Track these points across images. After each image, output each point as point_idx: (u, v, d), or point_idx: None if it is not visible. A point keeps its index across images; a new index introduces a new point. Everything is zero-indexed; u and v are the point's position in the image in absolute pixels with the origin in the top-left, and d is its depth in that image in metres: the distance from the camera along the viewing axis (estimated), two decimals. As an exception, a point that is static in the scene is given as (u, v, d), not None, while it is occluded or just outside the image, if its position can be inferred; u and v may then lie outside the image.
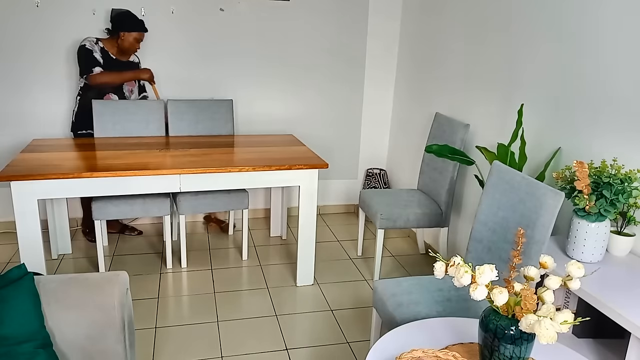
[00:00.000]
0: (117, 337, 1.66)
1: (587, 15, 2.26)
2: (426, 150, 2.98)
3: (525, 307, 1.33)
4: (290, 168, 2.90)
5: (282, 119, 4.07)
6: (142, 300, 2.94)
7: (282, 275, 3.30)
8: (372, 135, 4.35)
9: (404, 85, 4.10)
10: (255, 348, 2.56)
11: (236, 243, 3.75)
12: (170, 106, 3.55)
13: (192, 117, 3.60)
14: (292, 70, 4.00)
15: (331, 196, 4.40)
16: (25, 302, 1.54)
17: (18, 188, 2.53)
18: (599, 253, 1.95)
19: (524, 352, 1.38)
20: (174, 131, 3.57)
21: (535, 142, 2.60)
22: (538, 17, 2.57)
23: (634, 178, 1.89)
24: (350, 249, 3.74)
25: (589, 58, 2.27)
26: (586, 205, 1.89)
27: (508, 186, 2.11)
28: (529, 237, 1.95)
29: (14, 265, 2.08)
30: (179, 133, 3.57)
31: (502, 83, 2.87)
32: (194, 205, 3.28)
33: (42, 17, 3.47)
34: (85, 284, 1.68)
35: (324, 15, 3.95)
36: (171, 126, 3.56)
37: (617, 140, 2.13)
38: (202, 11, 3.71)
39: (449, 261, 1.45)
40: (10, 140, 3.61)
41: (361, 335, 2.71)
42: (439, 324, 1.74)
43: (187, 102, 3.60)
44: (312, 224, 3.06)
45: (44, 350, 1.52)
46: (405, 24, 4.06)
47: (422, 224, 3.19)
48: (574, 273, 1.41)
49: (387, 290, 2.18)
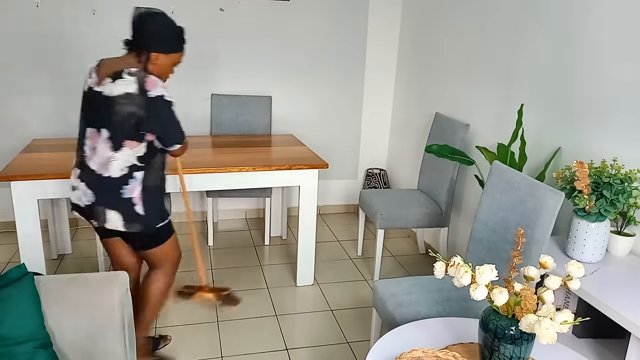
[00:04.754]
0: (117, 337, 1.66)
1: (587, 15, 2.26)
2: (426, 150, 2.98)
3: (525, 307, 1.33)
4: (290, 168, 2.90)
5: (282, 119, 4.07)
6: (142, 300, 2.94)
7: (282, 275, 3.30)
8: (372, 135, 4.35)
9: (404, 86, 4.10)
10: (255, 348, 2.56)
11: (236, 243, 3.75)
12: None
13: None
14: (292, 70, 4.00)
15: (331, 196, 4.40)
16: (25, 302, 1.54)
17: (18, 188, 2.53)
18: (599, 253, 1.95)
19: (524, 352, 1.38)
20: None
21: (535, 142, 2.60)
22: (538, 17, 2.57)
23: (634, 178, 1.89)
24: (350, 249, 3.74)
25: (589, 58, 2.27)
26: (586, 205, 1.89)
27: (508, 186, 2.11)
28: (529, 237, 1.95)
29: (14, 265, 2.08)
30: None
31: (502, 83, 2.87)
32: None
33: (42, 17, 3.47)
34: (85, 284, 1.68)
35: (324, 15, 3.95)
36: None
37: (617, 140, 2.13)
38: (202, 11, 3.71)
39: (449, 261, 1.45)
40: (10, 140, 3.61)
41: (361, 335, 2.71)
42: (439, 324, 1.74)
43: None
44: (312, 224, 3.06)
45: (44, 350, 1.52)
46: (405, 24, 4.06)
47: (422, 224, 3.19)
48: (574, 273, 1.41)
49: (387, 290, 2.18)
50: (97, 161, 2.00)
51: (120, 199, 2.01)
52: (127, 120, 1.92)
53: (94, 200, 2.03)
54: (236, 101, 3.77)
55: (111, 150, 1.97)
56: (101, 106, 1.95)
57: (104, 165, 2.00)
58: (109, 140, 1.96)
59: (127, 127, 1.93)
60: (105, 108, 1.94)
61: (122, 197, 2.01)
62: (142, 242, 2.18)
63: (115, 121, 1.93)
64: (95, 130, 2.00)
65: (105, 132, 1.96)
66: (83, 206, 2.07)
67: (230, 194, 3.49)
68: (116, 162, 1.98)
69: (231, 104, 3.77)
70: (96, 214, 2.05)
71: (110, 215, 2.03)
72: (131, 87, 1.90)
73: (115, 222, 2.04)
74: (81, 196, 2.06)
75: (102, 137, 1.98)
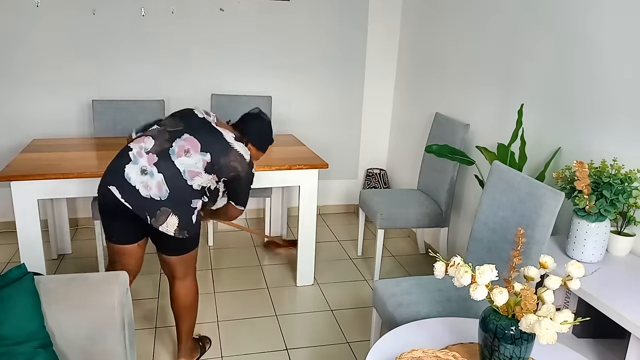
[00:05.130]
0: (117, 337, 1.66)
1: (587, 15, 2.26)
2: (426, 150, 2.98)
3: (525, 307, 1.33)
4: (290, 168, 2.90)
5: (282, 119, 4.07)
6: (142, 300, 2.94)
7: (282, 275, 3.30)
8: (372, 135, 4.35)
9: (404, 85, 4.10)
10: (255, 348, 2.56)
11: (236, 243, 3.75)
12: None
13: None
14: (292, 70, 4.00)
15: (331, 196, 4.40)
16: (25, 302, 1.53)
17: (18, 188, 2.53)
18: (599, 253, 1.95)
19: (524, 352, 1.38)
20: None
21: (535, 142, 2.60)
22: (538, 17, 2.57)
23: (634, 178, 1.89)
24: (350, 249, 3.74)
25: (589, 58, 2.27)
26: (586, 205, 1.89)
27: (508, 186, 2.11)
28: (529, 237, 1.94)
29: (14, 265, 2.08)
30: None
31: (502, 83, 2.87)
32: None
33: (42, 17, 3.47)
34: (85, 284, 1.68)
35: (324, 15, 3.95)
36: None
37: (617, 140, 2.13)
38: (202, 11, 3.71)
39: (449, 261, 1.45)
40: (10, 140, 3.61)
41: (361, 335, 2.71)
42: (439, 324, 1.74)
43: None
44: (312, 224, 3.06)
45: (44, 350, 1.52)
46: (405, 24, 4.06)
47: (422, 224, 3.19)
48: (574, 273, 1.41)
49: (387, 290, 2.18)
50: (185, 165, 2.06)
51: (189, 207, 2.09)
52: (228, 168, 2.14)
53: (165, 199, 2.03)
54: (236, 101, 3.77)
55: (203, 169, 2.08)
56: (217, 141, 2.13)
57: (191, 174, 2.07)
58: (205, 163, 2.08)
59: (225, 171, 2.14)
60: (221, 148, 2.12)
61: (190, 205, 2.10)
62: (177, 248, 2.19)
63: (222, 162, 2.11)
64: (200, 144, 2.09)
65: (209, 156, 2.08)
66: (147, 196, 2.02)
67: None
68: (201, 179, 2.09)
69: (231, 104, 3.76)
70: (154, 212, 2.03)
71: (171, 219, 2.05)
72: (246, 154, 2.18)
73: (171, 226, 2.05)
74: (151, 186, 2.02)
75: (201, 155, 2.08)
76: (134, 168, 2.04)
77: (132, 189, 2.02)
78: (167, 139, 2.09)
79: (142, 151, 2.07)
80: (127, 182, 2.02)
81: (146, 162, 2.05)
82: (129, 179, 2.03)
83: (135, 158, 2.06)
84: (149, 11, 3.61)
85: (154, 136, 2.11)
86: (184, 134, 2.10)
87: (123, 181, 2.03)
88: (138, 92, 3.72)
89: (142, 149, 2.07)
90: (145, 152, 2.06)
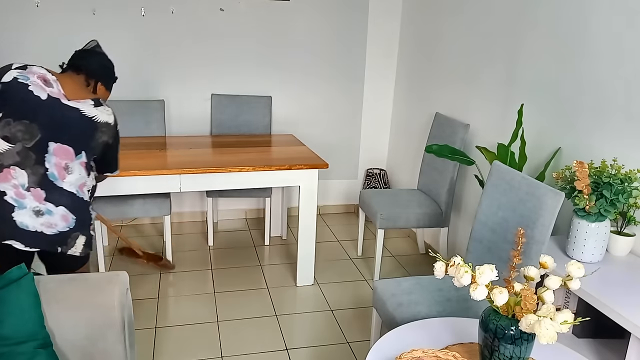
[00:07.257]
0: (117, 337, 1.66)
1: (587, 15, 2.26)
2: (426, 150, 2.98)
3: (525, 307, 1.32)
4: (290, 168, 2.90)
5: (282, 119, 4.07)
6: (142, 300, 2.94)
7: (282, 275, 3.30)
8: (372, 135, 4.35)
9: (404, 85, 4.10)
10: (255, 348, 2.56)
11: (236, 243, 3.75)
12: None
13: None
14: (292, 70, 4.00)
15: (331, 196, 4.40)
16: (25, 302, 1.54)
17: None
18: (599, 253, 1.95)
19: (524, 352, 1.38)
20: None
21: (535, 142, 2.60)
22: (538, 17, 2.57)
23: (634, 178, 1.89)
24: (350, 249, 3.74)
25: (588, 58, 2.27)
26: (586, 205, 1.89)
27: (508, 186, 2.11)
28: (529, 237, 1.94)
29: (14, 265, 2.08)
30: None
31: (502, 83, 2.87)
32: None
33: (42, 17, 3.47)
34: (85, 284, 1.68)
35: (324, 15, 3.95)
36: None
37: (617, 140, 2.13)
38: (202, 11, 3.71)
39: (449, 261, 1.45)
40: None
41: (361, 335, 2.71)
42: (439, 324, 1.74)
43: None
44: (312, 224, 3.06)
45: (44, 350, 1.52)
46: (405, 24, 4.06)
47: (422, 224, 3.19)
48: (574, 273, 1.41)
49: (387, 290, 2.18)
50: (74, 183, 1.85)
51: (90, 221, 1.93)
52: (99, 146, 1.92)
53: (74, 225, 1.86)
54: (236, 101, 3.77)
55: (86, 174, 1.88)
56: (80, 125, 1.85)
57: (81, 187, 1.88)
58: (84, 164, 1.88)
59: (97, 151, 1.93)
60: (88, 134, 1.87)
61: (91, 217, 1.94)
62: (73, 265, 1.97)
63: (93, 145, 1.88)
64: (71, 149, 1.82)
65: (84, 156, 1.87)
66: (54, 233, 1.80)
67: (230, 194, 3.50)
68: (87, 185, 1.93)
69: (231, 104, 3.77)
70: (66, 242, 1.86)
71: (79, 240, 1.90)
72: (109, 117, 1.94)
73: (79, 246, 1.91)
74: (55, 223, 1.80)
75: (77, 161, 1.85)
76: (24, 213, 1.76)
77: (34, 234, 1.78)
78: (36, 160, 1.76)
79: (19, 190, 1.75)
80: (27, 231, 1.77)
81: (35, 201, 1.77)
82: (26, 227, 1.77)
83: (18, 202, 1.75)
84: (149, 11, 3.61)
85: (20, 163, 1.75)
86: (48, 145, 1.78)
87: (22, 232, 1.76)
88: (138, 92, 3.71)
89: (18, 188, 1.75)
90: (24, 189, 1.76)
